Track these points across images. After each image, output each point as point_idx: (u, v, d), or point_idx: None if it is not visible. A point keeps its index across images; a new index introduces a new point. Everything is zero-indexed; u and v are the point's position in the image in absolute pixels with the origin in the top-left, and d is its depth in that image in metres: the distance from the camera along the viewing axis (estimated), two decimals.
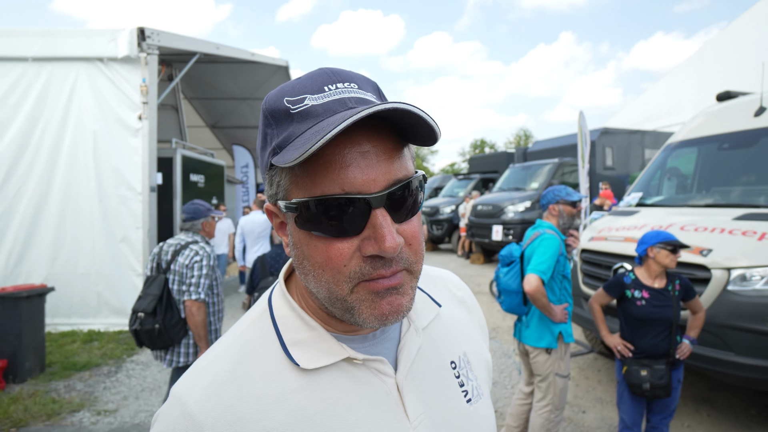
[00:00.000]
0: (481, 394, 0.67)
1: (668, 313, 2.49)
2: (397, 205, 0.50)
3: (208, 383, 0.53)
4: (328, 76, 0.52)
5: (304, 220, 0.50)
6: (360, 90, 0.52)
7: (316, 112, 0.49)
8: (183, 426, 0.51)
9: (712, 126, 4.44)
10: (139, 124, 5.81)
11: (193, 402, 0.52)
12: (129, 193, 5.83)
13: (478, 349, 0.72)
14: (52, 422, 3.47)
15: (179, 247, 2.85)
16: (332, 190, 0.48)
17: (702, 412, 3.54)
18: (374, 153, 0.48)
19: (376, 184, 0.48)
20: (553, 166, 10.64)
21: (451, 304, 0.73)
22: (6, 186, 5.71)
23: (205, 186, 8.36)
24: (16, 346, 4.20)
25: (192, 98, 11.71)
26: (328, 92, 0.50)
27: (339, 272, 0.49)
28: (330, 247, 0.49)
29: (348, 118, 0.43)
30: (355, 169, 0.47)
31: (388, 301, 0.50)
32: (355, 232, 0.49)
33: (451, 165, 48.06)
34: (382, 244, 0.47)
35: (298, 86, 0.52)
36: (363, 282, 0.50)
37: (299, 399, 0.53)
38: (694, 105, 11.96)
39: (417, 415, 0.57)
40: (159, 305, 2.73)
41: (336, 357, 0.55)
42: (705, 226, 3.36)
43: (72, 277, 5.78)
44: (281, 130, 0.51)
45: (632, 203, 4.59)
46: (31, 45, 5.75)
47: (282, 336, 0.56)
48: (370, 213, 0.48)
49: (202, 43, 7.14)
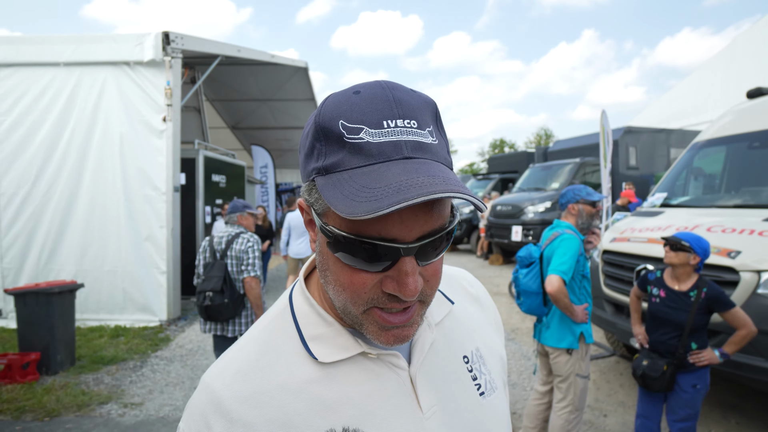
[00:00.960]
0: (495, 388, 0.69)
1: (680, 317, 2.46)
2: (427, 251, 0.52)
3: (234, 372, 0.57)
4: (389, 106, 0.50)
5: (335, 247, 0.51)
6: (418, 130, 0.51)
7: (370, 152, 0.49)
8: (211, 409, 0.55)
9: (741, 124, 4.30)
10: (164, 125, 5.97)
11: (220, 388, 0.56)
12: (153, 193, 5.99)
13: (491, 345, 0.74)
14: (82, 413, 3.60)
15: (231, 237, 3.42)
16: (369, 232, 0.49)
17: (730, 419, 3.43)
18: (417, 207, 0.49)
19: (412, 234, 0.49)
20: (575, 166, 10.45)
21: (465, 300, 0.75)
22: (37, 185, 5.95)
23: (227, 186, 8.52)
24: (49, 340, 4.37)
25: (213, 100, 11.96)
26: (386, 129, 0.49)
27: (358, 296, 0.53)
28: (354, 275, 0.52)
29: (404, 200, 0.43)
30: (395, 217, 0.48)
31: (394, 334, 0.54)
32: (381, 269, 0.51)
33: (470, 165, 47.71)
34: (404, 289, 0.50)
35: (356, 111, 0.50)
36: (376, 309, 0.53)
37: (317, 389, 0.56)
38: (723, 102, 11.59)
39: (430, 407, 0.60)
40: (225, 284, 3.27)
41: (351, 351, 0.58)
42: (733, 227, 3.26)
43: (99, 274, 5.98)
44: (330, 152, 0.51)
45: (656, 204, 4.48)
46: (63, 51, 5.98)
47: (302, 331, 0.60)
48: (399, 259, 0.50)
49: (223, 46, 7.29)
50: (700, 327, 2.47)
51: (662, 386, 2.49)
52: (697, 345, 2.48)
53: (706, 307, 2.44)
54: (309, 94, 11.22)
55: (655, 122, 14.52)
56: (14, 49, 6.03)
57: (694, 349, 2.47)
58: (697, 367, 2.45)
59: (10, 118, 5.99)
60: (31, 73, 6.03)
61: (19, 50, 6.02)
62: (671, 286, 2.55)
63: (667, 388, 2.49)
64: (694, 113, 14.34)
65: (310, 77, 10.53)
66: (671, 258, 2.52)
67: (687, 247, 2.46)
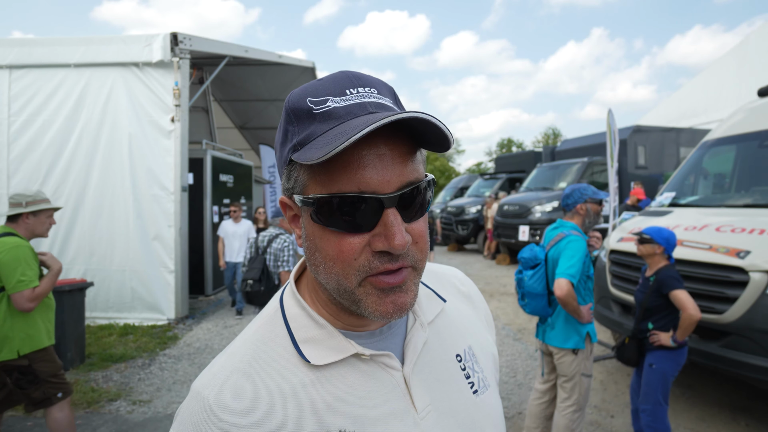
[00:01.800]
0: (488, 386, 0.69)
1: (640, 298, 2.79)
2: (407, 206, 0.53)
3: (225, 378, 0.56)
4: (350, 80, 0.55)
5: (320, 215, 0.53)
6: (379, 95, 0.55)
7: (338, 114, 0.52)
8: (203, 417, 0.54)
9: (752, 122, 4.24)
10: (172, 126, 6.03)
11: (212, 396, 0.55)
12: (162, 193, 6.05)
13: (483, 343, 0.74)
14: (92, 410, 3.65)
15: (272, 237, 4.09)
16: (349, 188, 0.50)
17: (740, 421, 3.39)
18: (390, 156, 0.51)
19: (390, 185, 0.51)
20: (582, 166, 10.37)
21: (456, 299, 0.76)
22: (46, 184, 6.03)
23: (234, 186, 8.58)
24: (60, 338, 4.42)
25: (221, 100, 12.04)
26: (350, 96, 0.53)
27: (349, 265, 0.52)
28: (342, 241, 0.52)
29: (372, 123, 0.46)
30: (371, 170, 0.50)
31: (392, 300, 0.53)
32: (367, 229, 0.52)
33: (478, 164, 47.51)
34: (392, 241, 0.50)
35: (320, 88, 0.54)
36: (370, 277, 0.53)
37: (311, 393, 0.56)
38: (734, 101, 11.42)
39: (424, 407, 0.60)
40: (263, 275, 3.98)
41: (344, 353, 0.58)
42: (743, 227, 3.22)
43: (108, 273, 6.06)
44: (302, 129, 0.53)
45: (665, 203, 4.44)
46: (74, 52, 6.06)
47: (293, 334, 0.59)
48: (383, 212, 0.51)
49: (231, 47, 7.34)
50: (656, 308, 2.71)
51: (625, 357, 2.83)
52: (655, 326, 2.71)
53: (657, 290, 2.68)
54: None
55: (665, 121, 14.35)
56: (27, 51, 6.12)
57: (651, 329, 2.72)
58: (656, 347, 2.67)
59: (21, 119, 6.09)
60: (43, 74, 6.12)
61: (31, 52, 6.12)
62: (645, 275, 2.85)
63: (630, 361, 2.81)
64: (704, 112, 14.16)
65: (317, 77, 10.55)
66: (641, 250, 2.79)
67: (649, 239, 2.73)
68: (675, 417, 3.48)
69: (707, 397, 3.80)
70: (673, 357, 2.63)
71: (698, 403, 3.71)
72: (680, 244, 3.42)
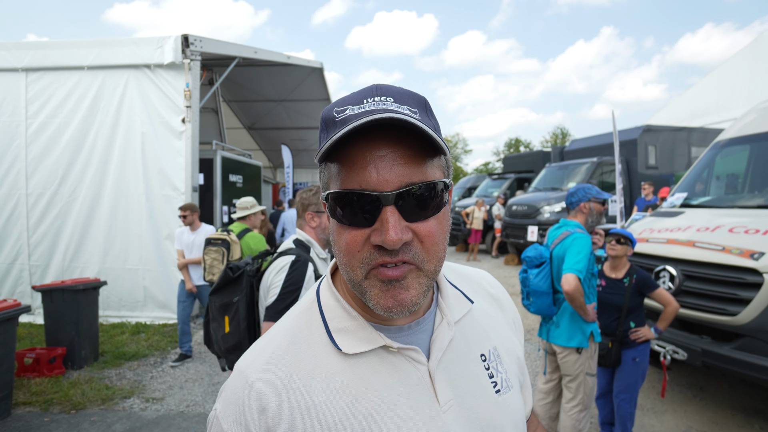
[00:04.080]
0: (511, 387, 0.71)
1: (617, 300, 2.83)
2: (409, 205, 0.56)
3: (266, 360, 0.62)
4: (372, 90, 0.59)
5: (332, 210, 0.58)
6: (395, 104, 0.57)
7: (350, 120, 0.55)
8: (245, 393, 0.59)
9: (766, 122, 4.19)
10: (183, 127, 6.10)
11: (253, 374, 0.60)
12: (173, 193, 6.13)
13: (509, 345, 0.76)
14: (106, 407, 3.71)
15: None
16: (352, 186, 0.56)
17: (754, 424, 3.36)
18: (391, 157, 0.55)
19: (389, 185, 0.55)
20: (591, 166, 10.29)
21: (484, 301, 0.78)
22: (63, 185, 6.14)
23: (243, 186, 8.64)
24: (74, 336, 4.51)
25: (230, 101, 12.13)
26: (365, 104, 0.57)
27: (353, 257, 0.57)
28: (349, 234, 0.57)
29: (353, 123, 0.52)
30: (372, 169, 0.55)
31: (392, 295, 0.56)
32: (368, 224, 0.56)
33: (486, 164, 47.32)
34: (385, 236, 0.54)
35: (346, 99, 0.60)
36: (374, 269, 0.56)
37: (341, 379, 0.60)
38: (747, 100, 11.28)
39: (447, 401, 0.62)
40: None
41: (374, 344, 0.61)
42: (756, 228, 3.19)
43: (121, 272, 6.15)
44: (327, 135, 0.58)
45: (676, 204, 4.40)
46: (87, 55, 6.16)
47: (327, 324, 0.64)
48: (381, 209, 0.55)
49: (240, 48, 7.40)
50: (635, 308, 2.83)
51: (610, 361, 2.83)
52: (635, 324, 2.83)
53: (637, 291, 2.82)
54: (324, 95, 11.30)
55: (676, 120, 14.19)
56: (42, 53, 6.23)
57: (633, 327, 2.82)
58: (637, 343, 2.80)
59: (38, 120, 6.20)
60: (58, 76, 6.22)
61: (46, 55, 6.22)
62: (609, 275, 2.92)
63: (615, 363, 2.83)
64: (716, 111, 13.98)
65: (325, 77, 10.60)
66: (618, 250, 2.85)
67: (628, 240, 2.82)
68: (687, 419, 3.45)
69: (720, 400, 3.77)
70: (648, 345, 2.86)
71: (711, 405, 3.68)
72: (692, 245, 3.39)
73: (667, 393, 3.89)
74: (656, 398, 3.80)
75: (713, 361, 3.08)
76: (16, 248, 6.26)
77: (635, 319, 2.83)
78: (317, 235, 2.11)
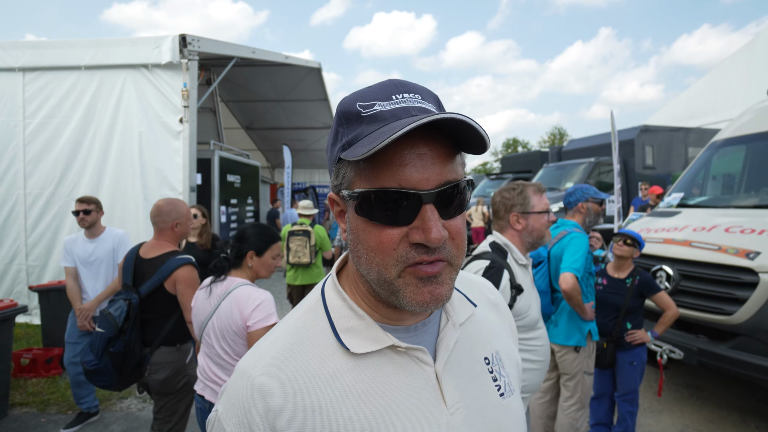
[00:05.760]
0: (513, 391, 0.71)
1: (617, 300, 2.81)
2: (445, 203, 0.56)
3: (270, 360, 0.60)
4: (396, 86, 0.59)
5: (363, 208, 0.57)
6: (423, 101, 0.59)
7: (384, 117, 0.56)
8: (249, 394, 0.58)
9: (762, 122, 4.22)
10: (181, 127, 6.08)
11: (257, 375, 0.59)
12: (171, 193, 6.10)
13: (508, 350, 0.77)
14: (104, 407, 3.70)
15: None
16: (390, 184, 0.54)
17: (750, 423, 3.37)
18: (429, 156, 0.55)
19: (429, 183, 0.54)
20: (589, 166, 10.32)
21: (485, 306, 0.79)
22: (61, 186, 6.12)
23: (241, 186, 8.64)
24: None
25: (228, 101, 12.11)
26: (395, 101, 0.57)
27: (388, 255, 0.56)
28: (382, 232, 0.56)
29: (411, 123, 0.50)
30: (412, 168, 0.54)
31: (429, 290, 0.56)
32: (406, 222, 0.55)
33: (484, 164, 47.35)
34: (429, 234, 0.53)
35: (369, 94, 0.59)
36: (409, 267, 0.56)
37: (348, 379, 0.59)
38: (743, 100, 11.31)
39: (454, 403, 0.62)
40: None
41: (381, 344, 0.61)
42: (752, 227, 3.21)
43: None
44: (351, 130, 0.58)
45: (673, 204, 4.42)
46: (84, 54, 6.14)
47: (334, 323, 0.63)
48: (421, 207, 0.55)
49: (238, 48, 7.40)
50: (634, 309, 2.81)
51: (605, 362, 2.81)
52: (632, 325, 2.80)
53: (638, 292, 2.80)
54: (322, 95, 11.29)
55: (673, 121, 14.23)
56: (39, 53, 6.21)
57: (629, 328, 2.79)
58: (633, 346, 2.77)
59: (36, 121, 6.18)
60: (55, 76, 6.20)
61: (43, 54, 6.20)
62: (612, 275, 2.91)
63: (609, 364, 2.81)
64: (713, 111, 14.03)
65: (323, 78, 10.60)
66: (623, 251, 2.83)
67: (636, 242, 2.81)
68: (683, 418, 3.47)
69: (716, 399, 3.79)
70: (644, 348, 2.85)
71: (707, 404, 3.69)
72: (688, 244, 3.41)
73: (664, 392, 3.91)
74: (653, 397, 3.81)
75: (709, 360, 3.10)
76: (13, 248, 6.24)
77: (633, 321, 2.82)
78: (521, 239, 1.98)
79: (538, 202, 1.99)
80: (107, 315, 2.29)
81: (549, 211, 2.01)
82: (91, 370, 2.26)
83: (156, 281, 2.37)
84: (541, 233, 1.97)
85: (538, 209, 1.97)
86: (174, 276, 2.37)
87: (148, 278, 2.40)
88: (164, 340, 2.42)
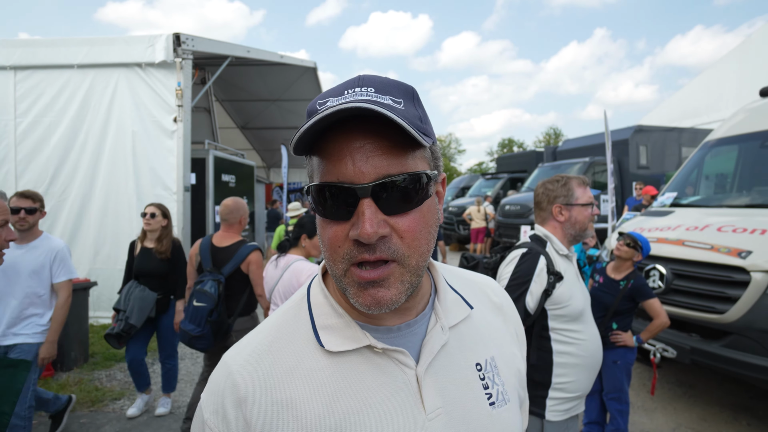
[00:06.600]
0: (507, 400, 0.67)
1: (607, 300, 2.79)
2: (387, 198, 0.53)
3: (249, 352, 0.61)
4: (355, 82, 0.57)
5: (314, 205, 0.57)
6: (376, 94, 0.55)
7: None
8: (225, 384, 0.59)
9: (754, 122, 4.25)
10: (175, 126, 6.05)
11: (236, 366, 0.60)
12: (165, 193, 6.07)
13: (509, 357, 0.72)
14: (96, 408, 3.68)
15: None
16: (330, 178, 0.54)
17: (741, 420, 3.40)
18: (368, 149, 0.53)
19: (365, 177, 0.53)
20: (584, 165, 10.37)
21: (486, 308, 0.74)
22: (53, 185, 6.07)
23: (236, 186, 8.60)
24: (63, 337, 4.45)
25: (223, 100, 12.06)
26: (346, 95, 0.55)
27: (335, 252, 0.55)
28: (330, 228, 0.56)
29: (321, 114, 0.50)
30: (348, 161, 0.53)
31: (371, 293, 0.54)
32: (347, 218, 0.54)
33: (479, 164, 47.51)
34: (360, 230, 0.52)
35: (329, 91, 0.58)
36: (353, 266, 0.55)
37: (321, 377, 0.59)
38: (736, 101, 11.42)
39: (434, 408, 0.59)
40: None
41: (358, 343, 0.60)
42: (744, 227, 3.23)
43: (112, 273, 6.07)
44: None
45: (666, 203, 4.45)
46: (77, 53, 6.09)
47: (314, 320, 0.63)
48: (358, 202, 0.53)
49: (233, 47, 7.37)
50: (623, 311, 2.77)
51: None
52: (619, 326, 2.77)
53: (630, 295, 2.76)
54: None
55: (667, 121, 14.33)
56: (31, 51, 6.15)
57: (615, 329, 2.77)
58: (618, 346, 2.75)
59: (27, 120, 6.12)
60: (47, 75, 6.14)
61: (35, 53, 6.14)
62: (609, 275, 2.89)
63: None
64: (706, 112, 14.13)
65: (318, 77, 10.58)
66: (622, 252, 2.81)
67: (636, 245, 2.79)
68: (676, 416, 3.49)
69: (708, 397, 3.81)
70: (632, 350, 2.81)
71: (699, 402, 3.72)
72: (681, 244, 3.43)
73: (657, 391, 3.93)
74: (646, 396, 3.83)
75: (702, 359, 3.12)
76: None
77: (620, 322, 2.80)
78: (563, 230, 1.97)
79: (582, 195, 1.98)
80: (204, 292, 2.82)
81: (593, 203, 2.00)
82: (197, 336, 2.78)
83: (235, 264, 2.94)
84: (584, 225, 1.97)
85: (581, 201, 1.97)
86: (248, 259, 2.96)
87: (227, 262, 2.96)
88: (241, 311, 3.01)
